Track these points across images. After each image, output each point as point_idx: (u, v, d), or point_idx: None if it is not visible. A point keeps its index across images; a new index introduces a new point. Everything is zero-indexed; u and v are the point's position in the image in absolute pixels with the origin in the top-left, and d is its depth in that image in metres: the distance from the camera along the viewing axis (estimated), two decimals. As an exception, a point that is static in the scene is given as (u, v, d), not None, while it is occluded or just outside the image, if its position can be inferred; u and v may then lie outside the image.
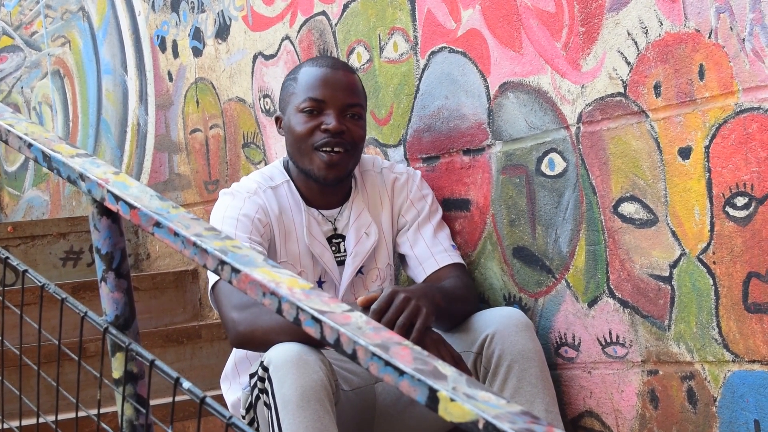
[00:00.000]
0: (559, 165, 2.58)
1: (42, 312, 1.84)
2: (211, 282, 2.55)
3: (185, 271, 3.82)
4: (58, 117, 4.66)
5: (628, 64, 2.41)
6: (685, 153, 2.33)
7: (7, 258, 1.90)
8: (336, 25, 3.16)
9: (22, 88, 4.85)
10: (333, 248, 2.68)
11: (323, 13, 3.20)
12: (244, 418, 2.53)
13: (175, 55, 3.89)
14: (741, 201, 2.24)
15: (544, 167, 2.62)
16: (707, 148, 2.28)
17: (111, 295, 1.70)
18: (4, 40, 4.94)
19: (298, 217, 2.66)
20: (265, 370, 2.32)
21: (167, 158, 4.00)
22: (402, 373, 1.24)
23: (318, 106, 2.62)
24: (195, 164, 3.85)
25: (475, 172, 2.78)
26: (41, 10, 4.69)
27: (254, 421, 2.48)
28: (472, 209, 2.80)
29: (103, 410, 1.81)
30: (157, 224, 1.58)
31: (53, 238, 4.05)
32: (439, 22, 2.84)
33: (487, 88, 2.73)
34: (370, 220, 2.70)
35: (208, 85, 3.73)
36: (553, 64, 2.57)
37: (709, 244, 2.31)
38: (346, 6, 3.11)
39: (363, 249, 2.67)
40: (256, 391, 2.40)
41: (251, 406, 2.48)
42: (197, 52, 3.77)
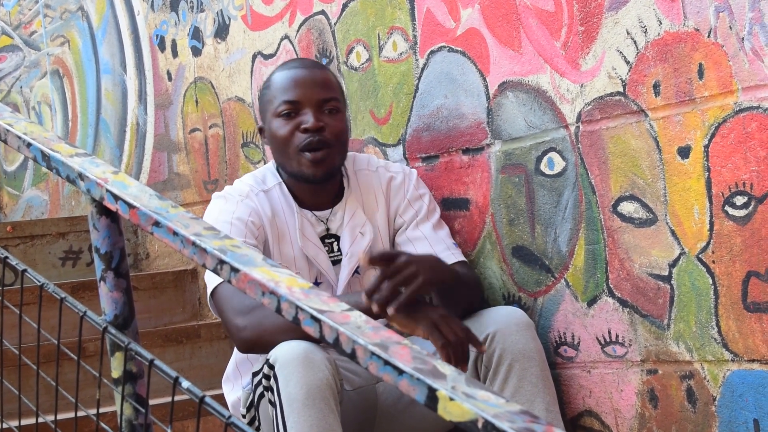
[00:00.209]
0: (559, 164, 2.58)
1: (41, 311, 1.84)
2: (210, 288, 2.54)
3: (184, 271, 3.82)
4: (57, 116, 4.66)
5: (628, 63, 2.41)
6: (685, 152, 2.33)
7: (7, 257, 1.90)
8: (335, 24, 3.16)
9: (21, 87, 4.85)
10: (327, 248, 2.67)
11: (322, 13, 3.20)
12: (244, 417, 2.53)
13: (175, 54, 3.89)
14: (740, 200, 2.24)
15: (544, 166, 2.62)
16: (706, 147, 2.28)
17: (110, 295, 1.70)
18: (3, 40, 4.94)
19: (291, 220, 2.65)
20: (271, 367, 2.32)
21: (166, 158, 4.00)
22: (401, 372, 1.23)
23: (294, 108, 2.61)
24: (194, 164, 3.85)
25: (475, 171, 2.78)
26: (40, 10, 4.69)
27: (255, 419, 2.48)
28: (471, 208, 2.80)
29: (102, 410, 1.82)
30: (156, 223, 1.58)
31: (52, 238, 4.05)
32: (439, 22, 2.84)
33: (487, 87, 2.73)
34: (365, 219, 2.69)
35: (208, 84, 3.73)
36: (553, 63, 2.57)
37: (709, 244, 2.30)
38: (346, 5, 3.11)
39: (359, 249, 2.66)
40: (260, 388, 2.40)
41: (252, 405, 2.48)
42: (196, 52, 3.77)
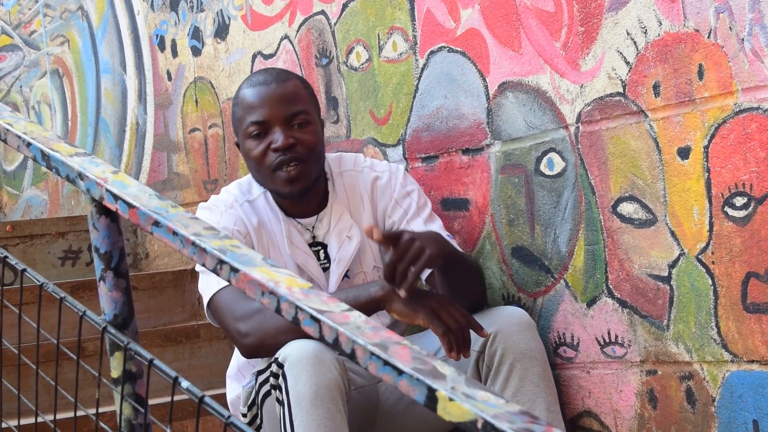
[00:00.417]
0: (558, 165, 2.58)
1: (41, 311, 1.83)
2: (207, 298, 2.53)
3: (184, 271, 3.81)
4: (56, 116, 4.66)
5: (628, 63, 2.41)
6: (684, 153, 2.33)
7: (6, 257, 1.90)
8: (335, 24, 3.15)
9: (21, 87, 4.85)
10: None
11: (322, 13, 3.20)
12: (245, 416, 2.53)
13: (174, 54, 3.89)
14: (740, 201, 2.24)
15: (543, 167, 2.62)
16: (706, 148, 2.28)
17: (109, 295, 1.70)
18: (3, 39, 4.94)
19: (278, 228, 2.63)
20: (280, 366, 2.31)
21: (166, 157, 4.00)
22: (401, 372, 1.23)
23: (262, 128, 2.57)
24: (194, 163, 3.85)
25: (474, 171, 2.78)
26: (40, 9, 4.69)
27: (257, 418, 2.48)
28: (471, 209, 2.80)
29: (101, 409, 1.82)
30: (156, 223, 1.58)
31: (52, 238, 4.05)
32: (439, 22, 2.84)
33: (486, 87, 2.73)
34: (351, 222, 2.66)
35: (207, 84, 3.73)
36: (553, 63, 2.57)
37: (708, 244, 2.30)
38: (345, 5, 3.11)
39: (346, 254, 2.64)
40: (267, 386, 2.39)
41: (254, 403, 2.48)
42: (196, 52, 3.77)
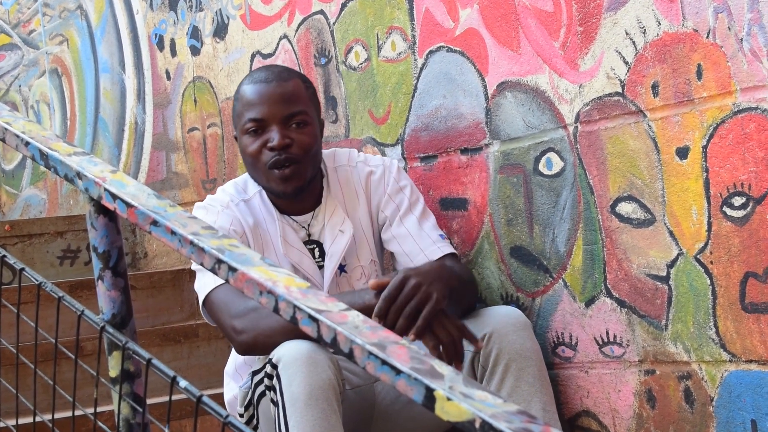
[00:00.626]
0: (557, 164, 2.58)
1: (39, 310, 1.83)
2: (202, 296, 2.53)
3: (183, 270, 3.81)
4: (55, 115, 4.65)
5: (626, 63, 2.41)
6: (683, 153, 2.33)
7: (4, 256, 1.90)
8: (334, 24, 3.16)
9: (20, 86, 4.85)
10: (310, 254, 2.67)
11: (321, 12, 3.20)
12: (242, 416, 2.53)
13: (173, 53, 3.89)
14: (738, 201, 2.24)
15: (542, 167, 2.62)
16: (705, 147, 2.28)
17: (108, 294, 1.70)
18: (2, 39, 4.94)
19: (273, 227, 2.64)
20: (274, 367, 2.32)
21: (165, 157, 4.00)
22: (399, 372, 1.23)
23: (260, 125, 2.58)
24: (193, 163, 3.85)
25: (473, 171, 2.78)
26: (39, 9, 4.69)
27: (253, 418, 2.48)
28: (469, 209, 2.80)
29: (99, 409, 1.82)
30: (155, 223, 1.58)
31: (50, 237, 4.05)
32: (437, 22, 2.84)
33: (485, 87, 2.73)
34: (344, 216, 2.67)
35: (206, 83, 3.73)
36: (551, 63, 2.57)
37: (707, 244, 2.31)
38: (344, 5, 3.11)
39: (339, 248, 2.65)
40: (262, 387, 2.40)
41: (251, 404, 2.48)
42: (195, 51, 3.77)
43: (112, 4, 4.22)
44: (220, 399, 2.78)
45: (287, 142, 2.56)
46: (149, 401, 1.71)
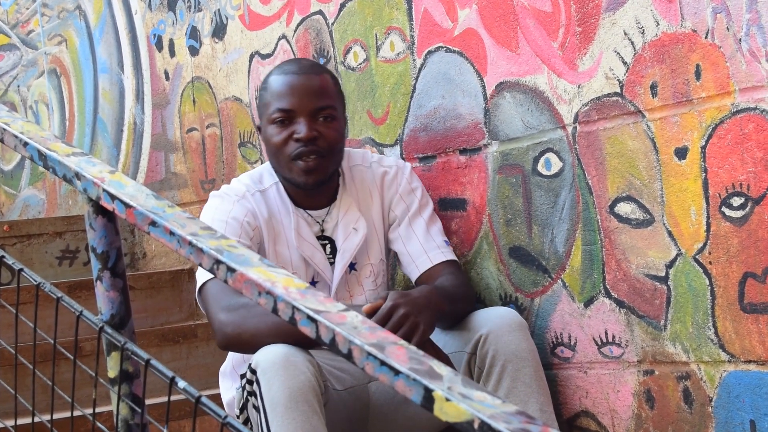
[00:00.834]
0: (556, 165, 2.58)
1: (38, 311, 1.83)
2: (199, 283, 2.54)
3: (181, 271, 3.81)
4: (54, 116, 4.65)
5: (625, 64, 2.41)
6: (682, 153, 2.33)
7: (3, 257, 1.89)
8: (333, 24, 3.15)
9: (19, 86, 4.85)
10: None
11: (320, 13, 3.20)
12: (239, 417, 2.53)
13: (172, 54, 3.89)
14: (737, 201, 2.24)
15: (541, 167, 2.62)
16: (703, 148, 2.28)
17: (106, 294, 1.70)
18: (1, 39, 4.93)
19: (287, 220, 2.65)
20: (253, 372, 2.33)
21: (164, 157, 4.00)
22: (397, 372, 1.23)
23: (288, 116, 2.59)
24: (191, 163, 3.85)
25: (472, 171, 2.78)
26: (38, 9, 4.69)
27: (248, 421, 2.48)
28: (468, 209, 2.80)
29: (98, 409, 1.81)
30: (153, 223, 1.58)
31: (49, 237, 4.05)
32: (436, 22, 2.84)
33: (484, 87, 2.73)
34: (358, 215, 2.69)
35: (205, 84, 3.73)
36: (550, 63, 2.57)
37: (705, 244, 2.31)
38: (343, 5, 3.11)
39: (351, 245, 2.66)
40: (245, 393, 2.40)
41: (244, 407, 2.48)
42: (194, 51, 3.77)
43: (111, 5, 4.22)
44: (219, 399, 2.78)
45: (314, 135, 2.58)
46: (148, 402, 1.71)
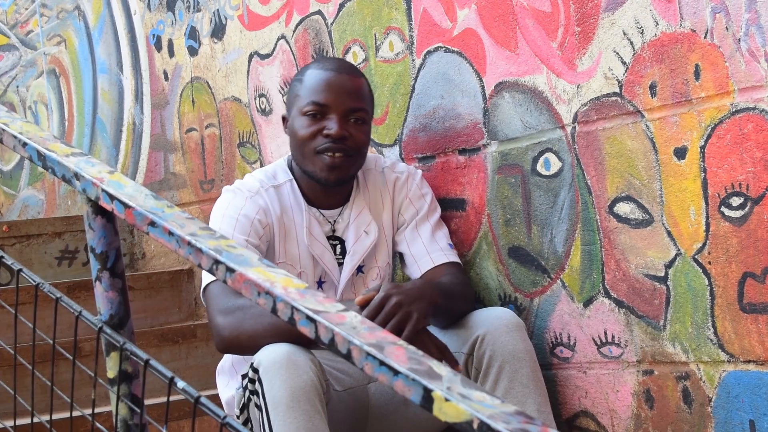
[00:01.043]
0: (555, 165, 2.58)
1: (37, 311, 1.83)
2: (204, 284, 2.55)
3: (181, 271, 3.81)
4: (53, 116, 4.65)
5: (624, 63, 2.41)
6: (681, 153, 2.33)
7: (2, 257, 1.89)
8: (332, 24, 3.15)
9: (18, 87, 4.85)
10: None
11: (319, 13, 3.20)
12: (239, 417, 2.53)
13: (171, 54, 3.89)
14: (736, 201, 2.24)
15: (540, 167, 2.62)
16: (703, 148, 2.28)
17: (106, 295, 1.70)
18: (0, 39, 4.93)
19: (299, 218, 2.66)
20: (255, 371, 2.33)
21: (163, 157, 4.00)
22: (397, 372, 1.23)
23: (321, 110, 2.61)
24: (190, 163, 3.85)
25: (471, 171, 2.78)
26: (37, 9, 4.69)
27: (248, 421, 2.48)
28: (467, 209, 2.80)
29: (97, 410, 1.81)
30: (152, 223, 1.58)
31: (48, 238, 4.05)
32: (435, 22, 2.84)
33: (483, 87, 2.73)
34: (370, 218, 2.70)
35: (204, 84, 3.73)
36: (549, 63, 2.57)
37: (705, 244, 2.31)
38: (342, 5, 3.11)
39: (361, 247, 2.67)
40: (247, 392, 2.40)
41: (245, 407, 2.48)
42: (193, 52, 3.77)
43: (110, 5, 4.22)
44: (218, 399, 2.78)
45: (345, 134, 2.59)
46: (147, 402, 1.71)
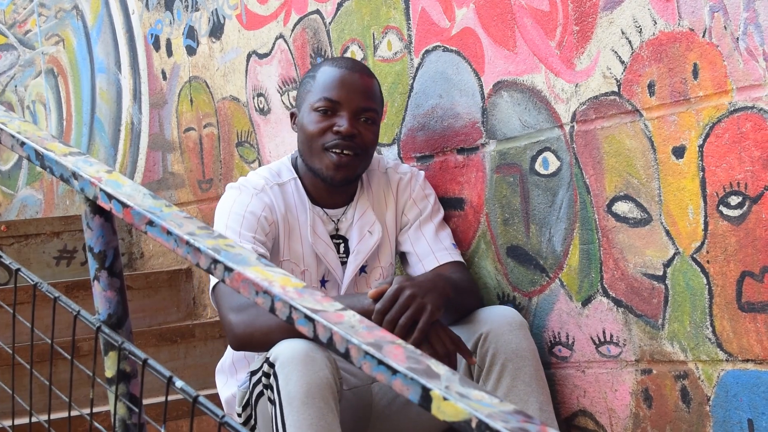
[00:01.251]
0: (553, 164, 2.58)
1: (35, 311, 1.83)
2: (212, 283, 2.55)
3: (179, 270, 3.81)
4: (51, 116, 4.65)
5: (622, 63, 2.41)
6: (679, 152, 2.33)
7: (0, 257, 1.89)
8: (330, 23, 3.15)
9: (16, 86, 4.84)
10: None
11: (317, 12, 3.20)
12: (239, 416, 2.53)
13: (169, 53, 3.88)
14: (735, 200, 2.24)
15: (538, 166, 2.62)
16: (701, 147, 2.28)
17: (104, 294, 1.70)
18: (-2, 39, 4.93)
19: (303, 216, 2.66)
20: (271, 366, 2.32)
21: (161, 157, 4.00)
22: (395, 371, 1.23)
23: (332, 107, 2.61)
24: (189, 163, 3.85)
25: (469, 171, 2.78)
26: (35, 9, 4.68)
27: (251, 418, 2.48)
28: (466, 208, 2.80)
29: (96, 409, 1.81)
30: (150, 223, 1.57)
31: (47, 237, 4.04)
32: (433, 21, 2.84)
33: (481, 86, 2.73)
34: (374, 218, 2.70)
35: (202, 83, 3.73)
36: (547, 63, 2.57)
37: (703, 243, 2.31)
38: (340, 5, 3.11)
39: (365, 247, 2.68)
40: (260, 386, 2.39)
41: (248, 404, 2.48)
42: (191, 51, 3.77)
43: (108, 5, 4.22)
44: (217, 399, 2.78)
45: (354, 132, 2.60)
46: (145, 401, 1.71)
